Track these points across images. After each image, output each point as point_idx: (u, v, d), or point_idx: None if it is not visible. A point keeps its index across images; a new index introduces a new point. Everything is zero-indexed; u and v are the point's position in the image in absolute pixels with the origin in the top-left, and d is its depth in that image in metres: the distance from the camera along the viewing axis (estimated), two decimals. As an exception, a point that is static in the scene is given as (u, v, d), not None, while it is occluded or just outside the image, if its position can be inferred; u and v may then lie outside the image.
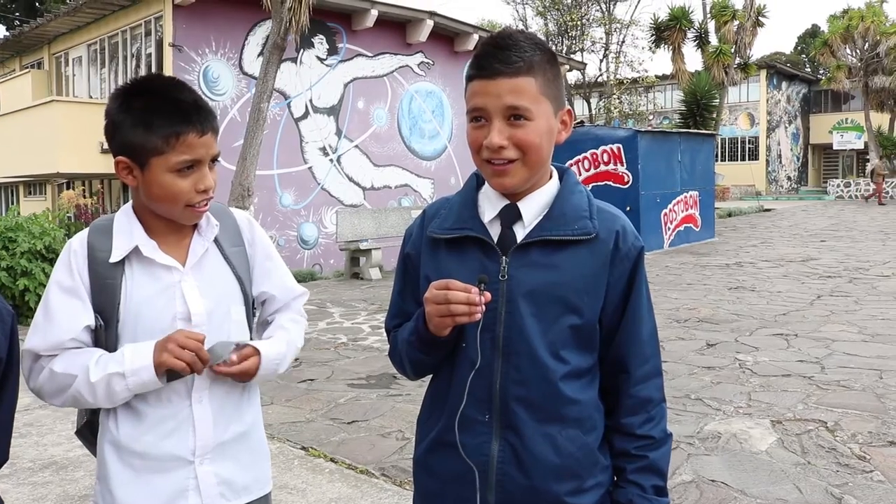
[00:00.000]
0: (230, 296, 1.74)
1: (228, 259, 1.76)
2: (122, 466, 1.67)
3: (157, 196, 1.63)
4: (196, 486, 1.68)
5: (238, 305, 1.76)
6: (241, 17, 14.32)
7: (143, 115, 1.59)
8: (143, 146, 1.59)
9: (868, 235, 17.50)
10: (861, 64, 34.00)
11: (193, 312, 1.66)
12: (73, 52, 17.44)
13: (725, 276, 11.76)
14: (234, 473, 1.73)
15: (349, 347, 7.50)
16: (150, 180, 1.61)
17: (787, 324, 7.96)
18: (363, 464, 4.30)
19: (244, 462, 1.76)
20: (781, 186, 41.57)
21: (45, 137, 14.55)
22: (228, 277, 1.75)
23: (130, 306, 1.64)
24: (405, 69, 17.48)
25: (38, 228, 9.04)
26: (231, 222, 1.81)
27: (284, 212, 15.12)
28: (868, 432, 4.61)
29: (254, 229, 1.85)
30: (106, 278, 1.65)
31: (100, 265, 1.66)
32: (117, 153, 1.63)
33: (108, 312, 1.64)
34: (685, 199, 16.72)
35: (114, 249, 1.66)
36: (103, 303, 1.65)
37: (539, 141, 1.41)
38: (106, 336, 1.65)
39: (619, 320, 1.48)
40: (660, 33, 26.23)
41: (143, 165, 1.61)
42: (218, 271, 1.74)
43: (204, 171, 1.64)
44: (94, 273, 1.66)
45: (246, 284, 1.78)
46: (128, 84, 1.66)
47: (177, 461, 1.66)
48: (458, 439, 1.43)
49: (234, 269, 1.76)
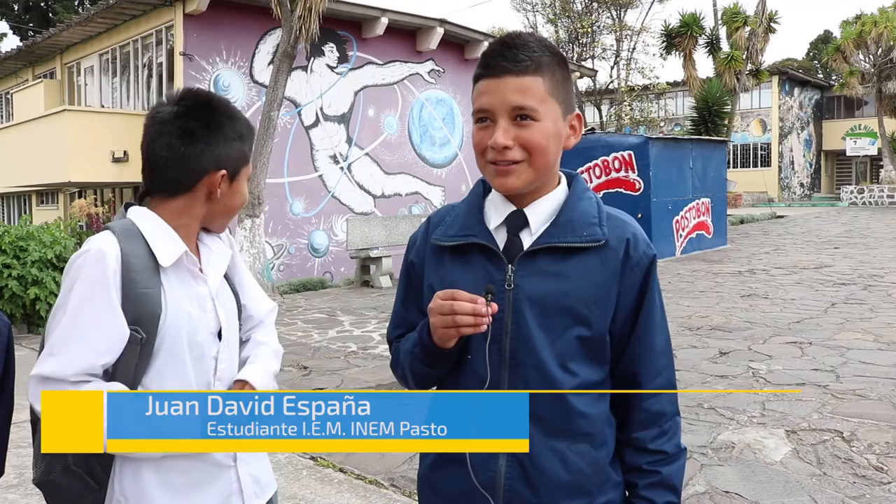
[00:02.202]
0: (235, 311, 1.76)
1: (227, 273, 1.77)
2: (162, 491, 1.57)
3: (238, 204, 1.72)
4: (239, 489, 1.68)
5: (237, 321, 1.78)
6: (252, 25, 14.36)
7: (233, 129, 1.65)
8: (239, 158, 1.68)
9: (883, 242, 17.34)
10: (874, 69, 33.75)
11: (225, 327, 1.68)
12: (84, 61, 17.54)
13: (738, 284, 11.66)
14: (259, 471, 1.75)
15: (359, 356, 7.46)
16: (235, 190, 1.69)
17: (801, 332, 7.86)
18: (372, 474, 4.25)
19: (261, 458, 1.78)
20: (794, 193, 41.31)
21: (57, 147, 14.62)
22: (230, 293, 1.76)
23: (173, 319, 1.56)
24: (415, 77, 17.49)
25: (49, 237, 9.06)
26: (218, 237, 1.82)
27: (295, 220, 15.13)
28: (885, 442, 4.53)
29: (233, 243, 1.83)
30: (145, 287, 1.54)
31: (137, 273, 1.53)
32: (211, 168, 1.63)
33: (147, 325, 1.53)
34: (697, 206, 16.62)
35: (162, 253, 1.56)
36: (140, 315, 1.52)
37: (545, 142, 1.37)
38: (142, 351, 1.54)
39: (630, 331, 1.44)
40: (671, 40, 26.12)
41: (234, 176, 1.67)
42: (225, 287, 1.74)
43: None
44: (129, 282, 1.52)
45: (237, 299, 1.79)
46: (187, 101, 1.63)
47: (219, 467, 1.65)
48: (467, 455, 1.38)
49: (231, 284, 1.77)
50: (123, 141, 13.92)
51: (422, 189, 17.65)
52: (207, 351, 1.64)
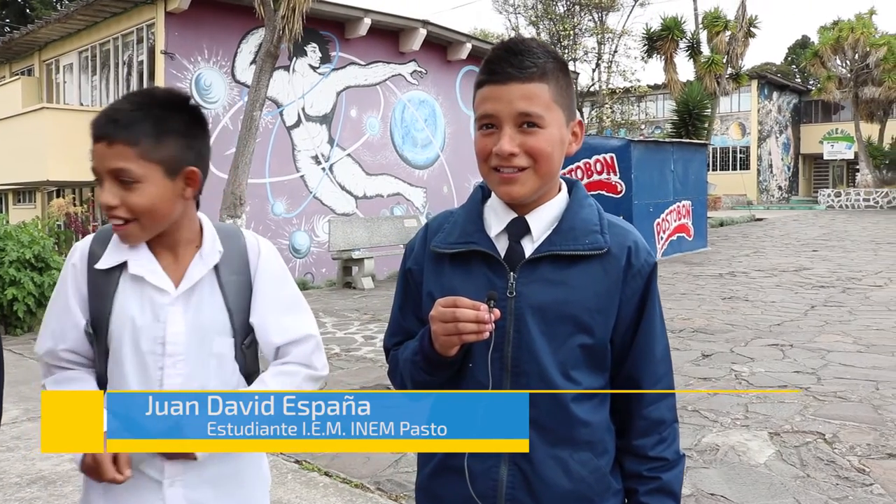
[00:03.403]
0: (216, 327, 1.64)
1: (223, 288, 1.66)
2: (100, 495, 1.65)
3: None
4: None
5: (224, 338, 1.65)
6: (234, 25, 14.29)
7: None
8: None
9: (859, 245, 17.54)
10: (851, 75, 34.20)
11: (169, 341, 1.59)
12: (63, 59, 17.35)
13: (719, 286, 11.74)
14: (205, 497, 1.62)
15: (342, 358, 7.43)
16: None
17: (782, 334, 7.93)
18: (358, 478, 4.23)
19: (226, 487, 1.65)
20: (772, 196, 41.73)
21: (35, 145, 14.46)
22: (218, 307, 1.64)
23: (119, 320, 1.60)
24: (398, 78, 17.47)
25: (28, 237, 8.93)
26: (238, 248, 1.70)
27: (276, 220, 15.06)
28: (867, 444, 4.57)
29: (262, 258, 1.71)
30: (103, 287, 1.62)
31: (97, 273, 1.63)
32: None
33: (99, 322, 1.62)
34: (678, 209, 16.73)
35: (103, 257, 1.63)
36: (97, 312, 1.62)
37: (551, 150, 1.36)
38: (97, 346, 1.63)
39: (631, 339, 1.44)
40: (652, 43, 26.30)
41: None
42: (208, 299, 1.64)
43: (104, 186, 1.56)
44: (91, 281, 1.63)
45: (238, 316, 1.66)
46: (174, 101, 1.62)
47: (149, 482, 1.60)
48: (465, 464, 1.37)
49: (226, 300, 1.65)
50: (103, 140, 13.76)
51: (403, 190, 17.64)
52: (151, 361, 1.60)
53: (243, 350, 1.69)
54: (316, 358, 1.74)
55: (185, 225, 1.65)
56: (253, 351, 1.72)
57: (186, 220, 1.65)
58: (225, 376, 1.66)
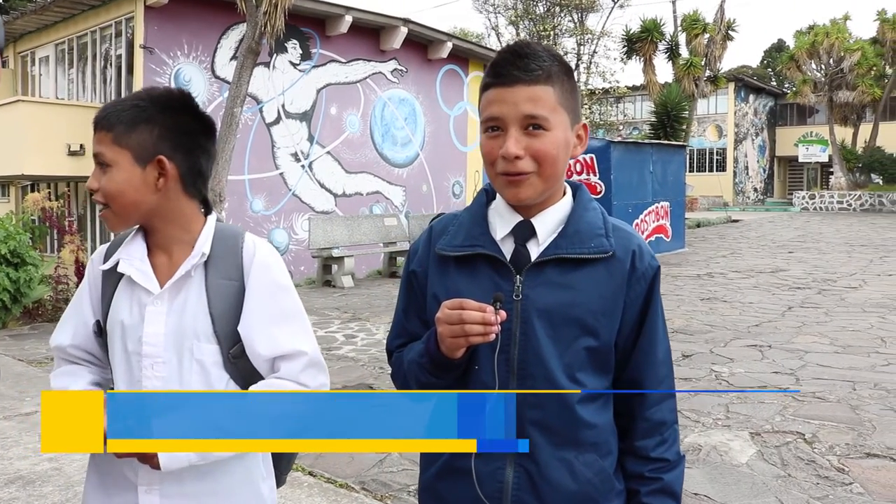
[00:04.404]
0: (196, 331, 1.57)
1: (208, 291, 1.58)
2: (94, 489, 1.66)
3: None
4: None
5: (206, 344, 1.57)
6: (214, 20, 14.16)
7: None
8: None
9: (834, 247, 17.78)
10: (826, 79, 34.63)
11: (146, 341, 1.57)
12: (39, 51, 17.11)
13: (697, 287, 11.85)
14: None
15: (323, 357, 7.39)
16: None
17: (761, 335, 8.02)
18: (342, 477, 4.22)
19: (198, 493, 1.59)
20: (748, 198, 42.15)
21: (10, 138, 14.23)
22: (201, 311, 1.57)
23: (113, 320, 1.61)
24: (378, 76, 17.43)
25: (3, 232, 8.81)
26: (233, 251, 1.62)
27: (255, 217, 14.96)
28: (845, 444, 4.64)
29: (256, 263, 1.62)
30: (105, 286, 1.66)
31: (105, 273, 1.66)
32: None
33: (103, 322, 1.65)
34: (656, 210, 16.85)
35: (107, 257, 1.66)
36: (102, 311, 1.66)
37: (556, 153, 1.37)
38: (104, 346, 1.66)
39: (634, 341, 1.45)
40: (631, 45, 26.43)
41: None
42: (191, 302, 1.58)
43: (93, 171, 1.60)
44: (102, 281, 1.67)
45: (221, 323, 1.58)
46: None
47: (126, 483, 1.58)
48: (472, 465, 1.37)
49: (209, 304, 1.57)
50: (80, 134, 13.60)
51: (383, 188, 17.60)
52: (135, 362, 1.58)
53: (231, 359, 1.60)
54: (307, 376, 1.61)
55: (178, 223, 1.61)
56: (247, 362, 1.61)
57: (180, 217, 1.61)
58: (210, 384, 1.58)
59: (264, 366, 1.61)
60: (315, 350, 1.65)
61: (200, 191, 1.65)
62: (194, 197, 1.64)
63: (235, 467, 1.62)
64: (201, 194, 1.66)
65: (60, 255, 10.43)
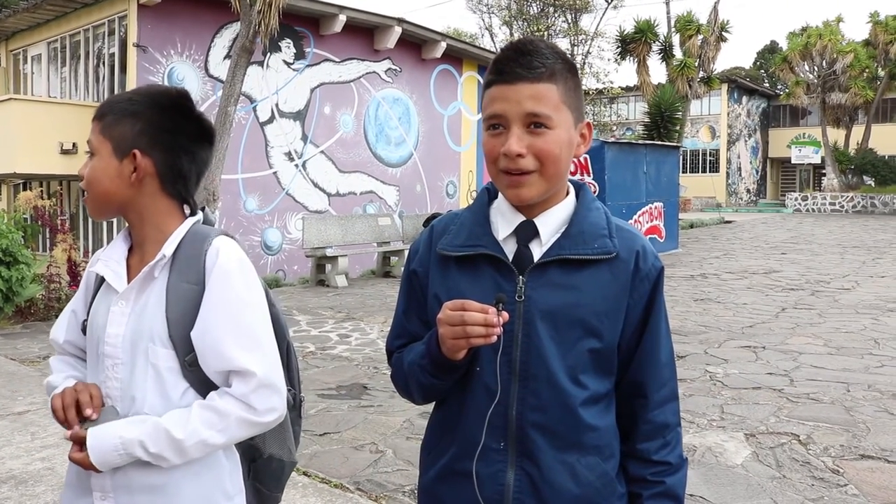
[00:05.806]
0: (153, 335, 1.51)
1: (167, 294, 1.52)
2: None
3: None
4: None
5: (162, 349, 1.51)
6: (208, 18, 14.11)
7: None
8: None
9: (827, 248, 17.83)
10: (819, 80, 34.74)
11: (105, 342, 1.54)
12: (32, 49, 17.02)
13: (691, 288, 11.86)
14: None
15: (317, 356, 7.38)
16: None
17: (755, 336, 8.03)
18: (337, 477, 4.20)
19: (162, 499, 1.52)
20: (741, 199, 42.26)
21: (2, 137, 14.14)
22: (158, 314, 1.51)
23: (91, 319, 1.63)
24: (372, 75, 17.40)
25: (-5, 231, 8.76)
26: (196, 255, 1.54)
27: (249, 217, 14.92)
28: (840, 445, 4.64)
29: (217, 268, 1.52)
30: (93, 286, 1.68)
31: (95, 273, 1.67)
32: None
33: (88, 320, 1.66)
34: (650, 210, 16.87)
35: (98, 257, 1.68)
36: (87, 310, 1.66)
37: (559, 151, 1.35)
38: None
39: (637, 343, 1.43)
40: (625, 45, 26.48)
41: None
42: (151, 304, 1.53)
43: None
44: (95, 280, 1.68)
45: (177, 327, 1.51)
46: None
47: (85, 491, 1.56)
48: (473, 468, 1.36)
49: (167, 307, 1.51)
50: (72, 132, 13.54)
51: (376, 188, 17.57)
52: (100, 362, 1.56)
53: (188, 366, 1.52)
54: (257, 399, 1.48)
55: (153, 222, 1.57)
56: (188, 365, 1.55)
57: (155, 216, 1.57)
58: (165, 391, 1.51)
59: (217, 377, 1.52)
60: (268, 371, 1.51)
61: (181, 192, 1.59)
62: (173, 197, 1.59)
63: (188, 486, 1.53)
64: (181, 195, 1.60)
65: (53, 254, 10.38)
